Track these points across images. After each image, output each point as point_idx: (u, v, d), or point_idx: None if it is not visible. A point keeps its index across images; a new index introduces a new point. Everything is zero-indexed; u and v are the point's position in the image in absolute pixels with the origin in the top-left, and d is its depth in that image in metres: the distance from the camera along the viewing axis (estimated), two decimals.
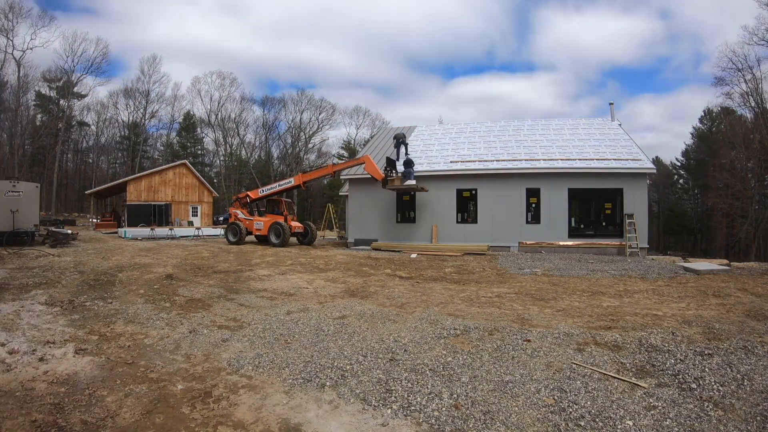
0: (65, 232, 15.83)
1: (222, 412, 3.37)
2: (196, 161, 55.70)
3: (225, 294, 7.75)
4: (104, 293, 7.51)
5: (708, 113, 48.57)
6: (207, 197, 34.41)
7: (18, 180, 16.25)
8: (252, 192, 19.73)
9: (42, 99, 49.12)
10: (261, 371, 4.19)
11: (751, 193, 34.16)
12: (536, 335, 5.16)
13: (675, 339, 4.94)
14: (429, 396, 3.61)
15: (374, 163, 16.48)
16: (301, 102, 60.16)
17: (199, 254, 13.49)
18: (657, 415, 3.24)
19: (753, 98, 33.92)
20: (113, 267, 10.18)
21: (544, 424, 3.15)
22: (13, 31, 41.55)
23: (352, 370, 4.17)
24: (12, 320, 5.65)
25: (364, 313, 6.39)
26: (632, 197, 15.52)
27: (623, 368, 4.16)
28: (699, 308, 6.62)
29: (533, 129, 20.34)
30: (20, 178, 19.43)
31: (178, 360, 4.50)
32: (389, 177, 15.79)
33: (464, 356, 4.50)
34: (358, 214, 18.36)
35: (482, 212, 16.79)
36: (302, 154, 61.17)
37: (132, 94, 54.92)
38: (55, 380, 3.88)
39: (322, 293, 7.95)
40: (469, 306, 6.96)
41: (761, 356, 4.35)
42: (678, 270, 11.05)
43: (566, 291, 8.23)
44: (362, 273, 10.46)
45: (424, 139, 21.29)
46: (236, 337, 5.24)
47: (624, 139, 17.99)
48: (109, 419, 3.23)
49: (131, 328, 5.54)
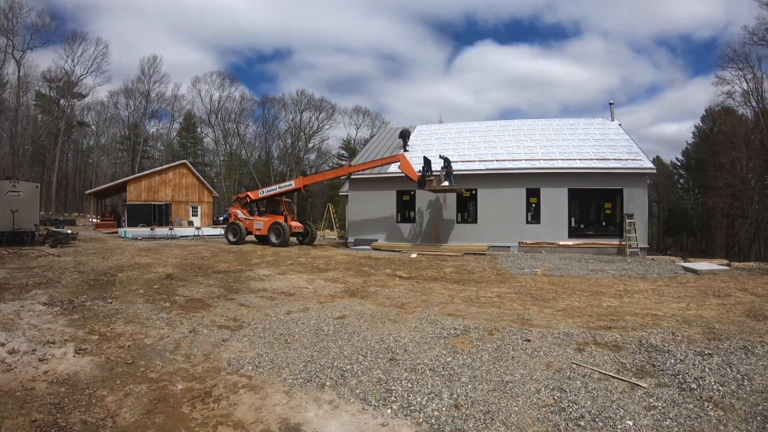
0: (65, 232, 15.83)
1: (222, 412, 3.37)
2: (196, 161, 55.69)
3: (225, 294, 7.75)
4: (104, 293, 7.51)
5: (709, 113, 48.60)
6: (207, 197, 34.41)
7: (18, 180, 16.22)
8: (252, 192, 19.72)
9: (42, 99, 49.11)
10: (261, 371, 4.19)
11: (751, 193, 34.15)
12: (536, 335, 5.16)
13: (675, 339, 4.94)
14: (429, 396, 3.61)
15: (409, 162, 15.20)
16: (301, 102, 60.27)
17: (199, 254, 13.49)
18: (657, 415, 3.24)
19: (754, 98, 33.96)
20: (113, 267, 10.18)
21: (544, 424, 3.15)
22: (13, 31, 41.63)
23: (352, 370, 4.17)
24: (12, 320, 5.64)
25: (364, 313, 6.39)
26: (632, 197, 15.52)
27: (623, 368, 4.16)
28: (699, 308, 6.62)
29: (533, 129, 20.34)
30: (20, 178, 19.39)
31: (178, 360, 4.50)
32: (427, 177, 14.71)
33: (464, 356, 4.50)
34: (358, 213, 18.35)
35: (482, 212, 16.79)
36: (302, 154, 61.23)
37: (132, 94, 55.02)
38: (55, 380, 3.88)
39: (322, 293, 7.95)
40: (469, 306, 6.96)
41: (761, 356, 4.35)
42: (678, 270, 11.05)
43: (566, 291, 8.23)
44: (362, 273, 10.46)
45: (424, 138, 21.28)
46: (236, 337, 5.24)
47: (624, 139, 17.99)
48: (109, 419, 3.23)
49: (131, 328, 5.54)
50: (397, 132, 24.40)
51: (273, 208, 18.82)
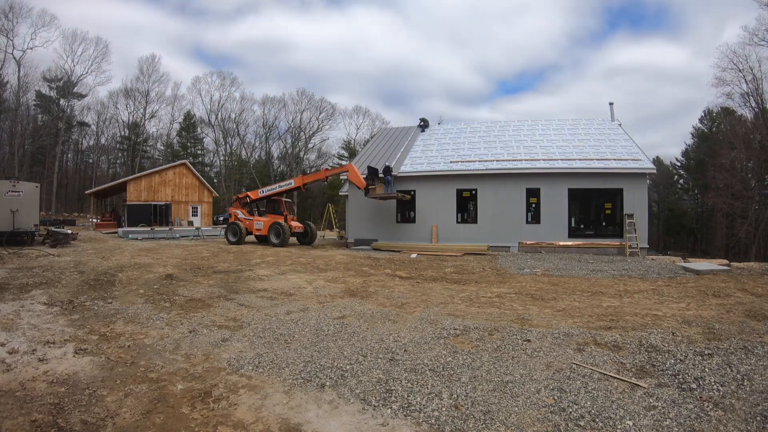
0: (65, 232, 15.83)
1: (222, 412, 3.37)
2: (196, 161, 55.73)
3: (225, 294, 7.74)
4: (104, 293, 7.51)
5: (708, 113, 48.62)
6: (207, 197, 34.41)
7: (18, 180, 16.22)
8: (252, 192, 19.73)
9: (42, 99, 49.13)
10: (261, 371, 4.19)
11: (751, 193, 34.17)
12: (536, 335, 5.16)
13: (675, 339, 4.94)
14: (429, 396, 3.61)
15: (357, 172, 16.83)
16: (301, 102, 60.27)
17: (199, 254, 13.49)
18: (657, 415, 3.24)
19: (753, 98, 33.96)
20: (113, 267, 10.18)
21: (544, 424, 3.15)
22: (13, 31, 41.65)
23: (352, 370, 4.17)
24: (12, 320, 5.64)
25: (364, 313, 6.39)
26: (632, 197, 15.52)
27: (623, 368, 4.16)
28: (699, 308, 6.62)
29: (533, 129, 20.35)
30: (20, 178, 19.41)
31: (178, 360, 4.50)
32: (370, 186, 16.16)
33: (464, 356, 4.50)
34: (358, 214, 18.36)
35: (482, 212, 16.79)
36: (302, 155, 61.25)
37: (132, 94, 55.01)
38: (55, 380, 3.87)
39: (322, 293, 7.95)
40: (469, 306, 6.96)
41: (761, 356, 4.35)
42: (678, 270, 11.05)
43: (566, 291, 8.23)
44: (362, 273, 10.46)
45: (424, 138, 21.29)
46: (236, 337, 5.24)
47: (624, 139, 17.99)
48: (109, 419, 3.23)
49: (131, 328, 5.54)
50: (396, 132, 24.42)
51: (273, 208, 18.83)
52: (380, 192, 16.11)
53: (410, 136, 21.75)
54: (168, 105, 57.58)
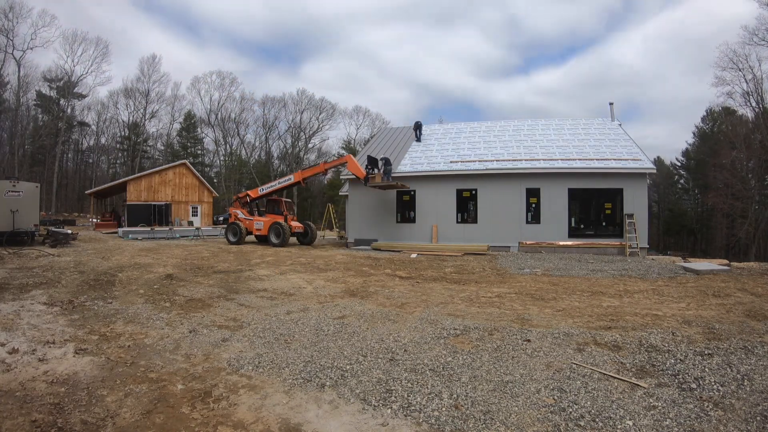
0: (65, 232, 15.83)
1: (222, 412, 3.37)
2: (196, 161, 55.74)
3: (225, 294, 7.74)
4: (104, 293, 7.51)
5: (709, 113, 48.61)
6: (207, 197, 34.40)
7: (18, 180, 16.22)
8: (252, 191, 19.73)
9: (42, 99, 49.15)
10: (261, 371, 4.19)
11: (751, 193, 34.18)
12: (536, 335, 5.16)
13: (675, 339, 4.94)
14: (429, 396, 3.61)
15: (356, 162, 17.03)
16: (301, 102, 60.28)
17: (199, 254, 13.49)
18: (657, 415, 3.24)
19: (754, 98, 33.99)
20: (113, 267, 10.18)
21: (544, 424, 3.14)
22: (13, 31, 41.65)
23: (352, 370, 4.17)
24: (12, 320, 5.64)
25: (364, 313, 6.39)
26: (632, 197, 15.52)
27: (623, 368, 4.16)
28: (699, 308, 6.62)
29: (533, 129, 20.35)
30: (20, 178, 19.40)
31: (178, 360, 4.50)
32: (370, 174, 16.31)
33: (464, 356, 4.50)
34: (358, 213, 18.36)
35: (482, 212, 16.79)
36: (302, 154, 61.25)
37: (132, 94, 55.03)
38: (55, 380, 3.87)
39: (322, 293, 7.95)
40: (469, 306, 6.96)
41: (761, 356, 4.35)
42: (678, 270, 11.05)
43: (566, 291, 8.23)
44: (362, 273, 10.46)
45: (424, 138, 21.29)
46: (236, 337, 5.23)
47: (624, 138, 18.00)
48: (109, 419, 3.22)
49: (131, 328, 5.54)
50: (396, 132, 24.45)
51: (273, 208, 18.83)
52: (379, 181, 16.22)
53: (410, 135, 21.77)
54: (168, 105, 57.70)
